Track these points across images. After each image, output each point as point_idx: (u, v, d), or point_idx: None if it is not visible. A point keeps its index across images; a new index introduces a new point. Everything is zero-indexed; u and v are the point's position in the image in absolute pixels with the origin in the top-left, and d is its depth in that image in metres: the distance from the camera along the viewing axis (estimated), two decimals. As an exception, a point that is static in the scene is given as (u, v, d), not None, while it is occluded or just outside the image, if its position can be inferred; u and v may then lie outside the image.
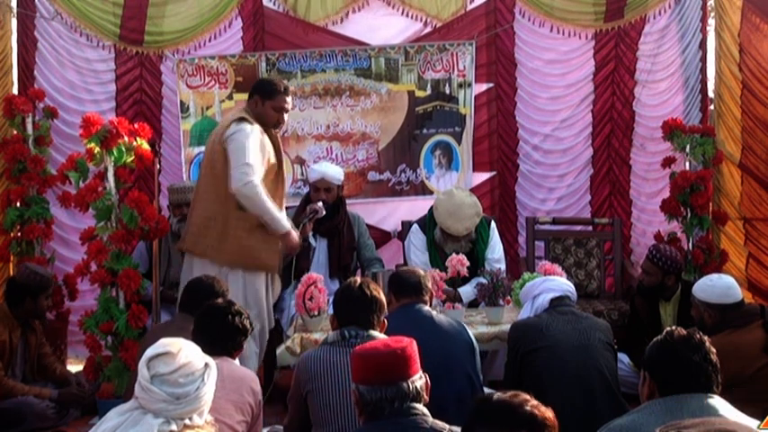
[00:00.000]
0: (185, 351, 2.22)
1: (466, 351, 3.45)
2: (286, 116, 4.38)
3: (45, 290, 4.55)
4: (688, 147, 5.51)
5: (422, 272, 3.69)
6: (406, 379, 2.24)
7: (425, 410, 2.25)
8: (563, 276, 4.27)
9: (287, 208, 5.43)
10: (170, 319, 4.41)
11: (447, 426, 2.21)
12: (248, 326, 3.13)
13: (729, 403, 2.30)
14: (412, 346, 2.32)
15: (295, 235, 4.28)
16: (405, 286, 3.57)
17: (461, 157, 5.86)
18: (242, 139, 4.10)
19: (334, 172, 5.10)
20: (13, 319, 4.45)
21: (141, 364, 2.19)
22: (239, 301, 3.73)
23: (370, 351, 2.31)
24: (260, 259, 4.25)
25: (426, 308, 3.54)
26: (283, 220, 4.26)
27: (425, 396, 2.29)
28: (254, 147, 4.10)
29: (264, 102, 4.27)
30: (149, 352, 2.21)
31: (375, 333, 3.00)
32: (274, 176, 4.31)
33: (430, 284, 3.64)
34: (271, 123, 4.31)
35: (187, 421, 2.16)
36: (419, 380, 2.28)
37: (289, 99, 4.34)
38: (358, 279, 3.19)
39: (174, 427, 2.13)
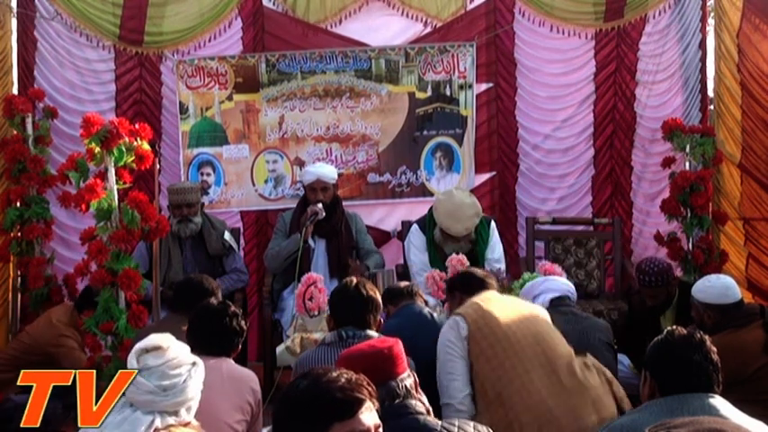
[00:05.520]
0: (175, 347, 2.28)
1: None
2: None
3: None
4: (688, 147, 5.51)
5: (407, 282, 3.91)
6: (394, 378, 2.25)
7: (418, 408, 2.25)
8: (563, 276, 4.28)
9: (283, 210, 5.46)
10: (162, 319, 4.40)
11: (439, 423, 2.21)
12: (244, 327, 3.12)
13: (729, 403, 2.30)
14: (398, 345, 2.33)
15: None
16: (397, 293, 3.73)
17: (463, 159, 5.84)
18: None
19: (329, 171, 5.11)
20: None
21: (131, 356, 2.24)
22: None
23: (356, 353, 2.31)
24: None
25: (426, 309, 3.61)
26: None
27: (416, 393, 2.29)
28: None
29: None
30: (140, 345, 2.27)
31: (372, 333, 3.00)
32: None
33: (420, 292, 3.81)
34: None
35: (173, 419, 2.18)
36: (408, 378, 2.29)
37: None
38: (354, 279, 3.23)
39: (158, 423, 2.15)
